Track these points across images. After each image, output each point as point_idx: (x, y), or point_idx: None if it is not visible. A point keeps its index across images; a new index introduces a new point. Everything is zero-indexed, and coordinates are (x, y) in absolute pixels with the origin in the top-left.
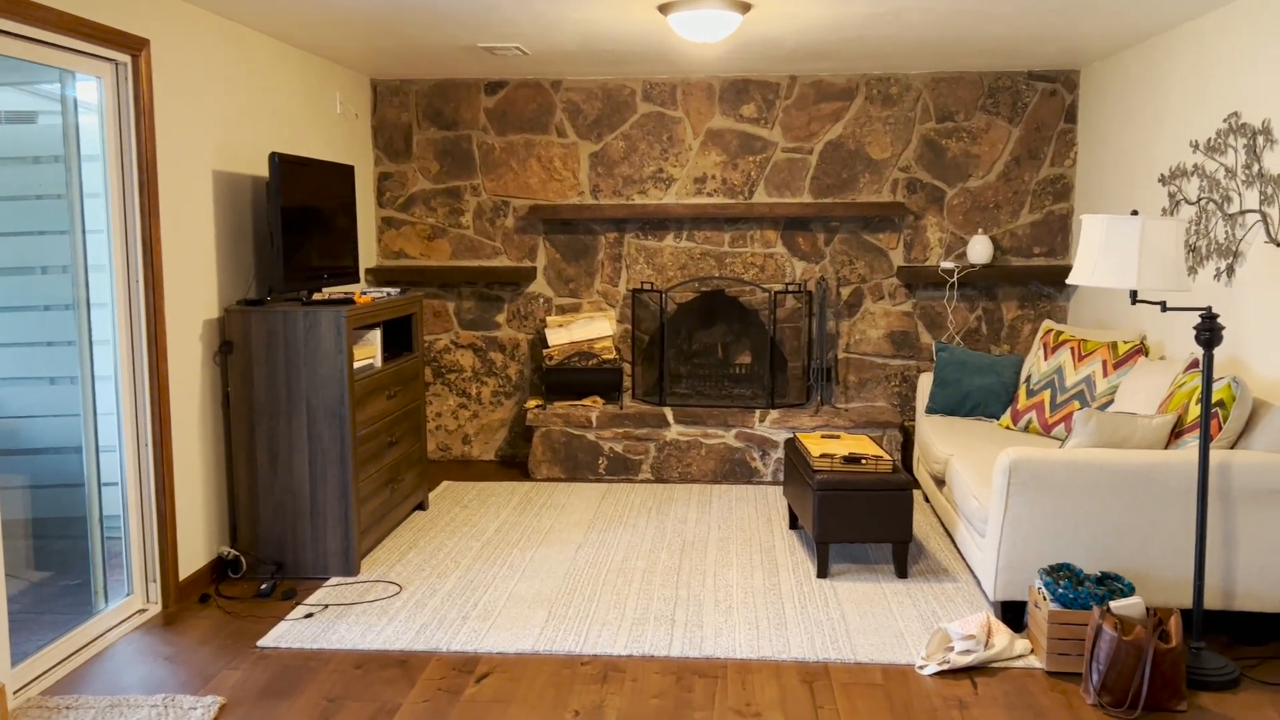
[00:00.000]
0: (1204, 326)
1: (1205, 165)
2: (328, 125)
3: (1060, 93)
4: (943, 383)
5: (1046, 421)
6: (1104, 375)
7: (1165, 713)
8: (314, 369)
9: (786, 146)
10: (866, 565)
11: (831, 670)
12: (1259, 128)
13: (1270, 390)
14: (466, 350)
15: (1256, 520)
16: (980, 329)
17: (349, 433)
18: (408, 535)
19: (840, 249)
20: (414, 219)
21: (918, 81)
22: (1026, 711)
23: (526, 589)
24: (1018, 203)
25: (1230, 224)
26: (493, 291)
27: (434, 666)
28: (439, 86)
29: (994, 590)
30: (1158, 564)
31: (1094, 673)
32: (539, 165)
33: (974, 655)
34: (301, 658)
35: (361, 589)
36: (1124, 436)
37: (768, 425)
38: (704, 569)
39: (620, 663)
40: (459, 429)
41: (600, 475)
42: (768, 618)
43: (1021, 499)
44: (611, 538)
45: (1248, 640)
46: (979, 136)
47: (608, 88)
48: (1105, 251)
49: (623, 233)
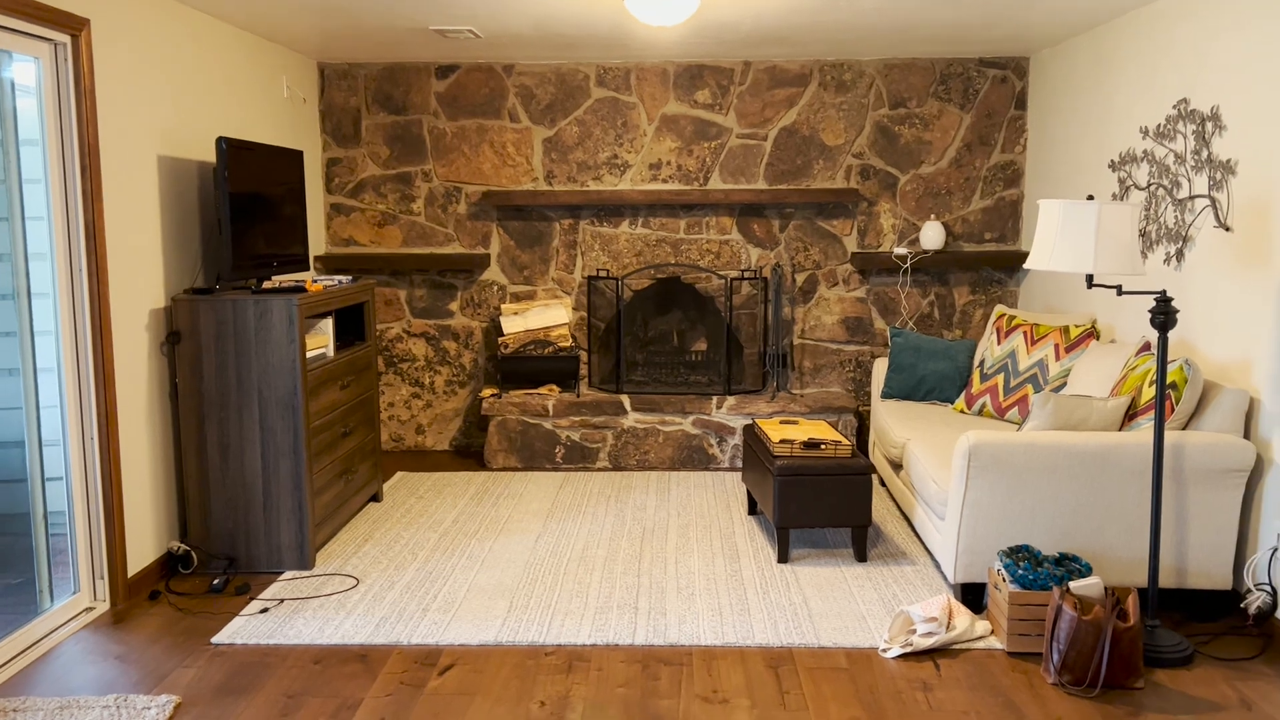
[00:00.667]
0: (1159, 310)
1: (1155, 151)
2: (275, 110)
3: (1011, 79)
4: (898, 368)
5: (1001, 405)
6: (1056, 359)
7: (1124, 690)
8: (265, 359)
9: (741, 133)
10: (826, 550)
11: (796, 655)
12: (1208, 114)
13: (1219, 372)
14: (419, 339)
15: (1208, 500)
16: (933, 314)
17: (302, 424)
18: (363, 527)
19: (795, 235)
20: (364, 205)
21: (871, 68)
22: (989, 692)
23: (487, 580)
24: (969, 189)
25: (1180, 209)
26: (445, 279)
27: (395, 660)
28: (388, 70)
29: (954, 573)
30: (1114, 544)
31: (1054, 652)
32: (492, 151)
33: (936, 637)
34: (258, 654)
35: (318, 583)
36: (1080, 419)
37: (725, 412)
38: (665, 556)
39: (585, 652)
40: (412, 419)
41: (557, 464)
42: (730, 604)
43: (981, 482)
44: (571, 526)
45: (1200, 617)
46: (931, 123)
47: (561, 72)
48: (1062, 236)
49: (578, 219)
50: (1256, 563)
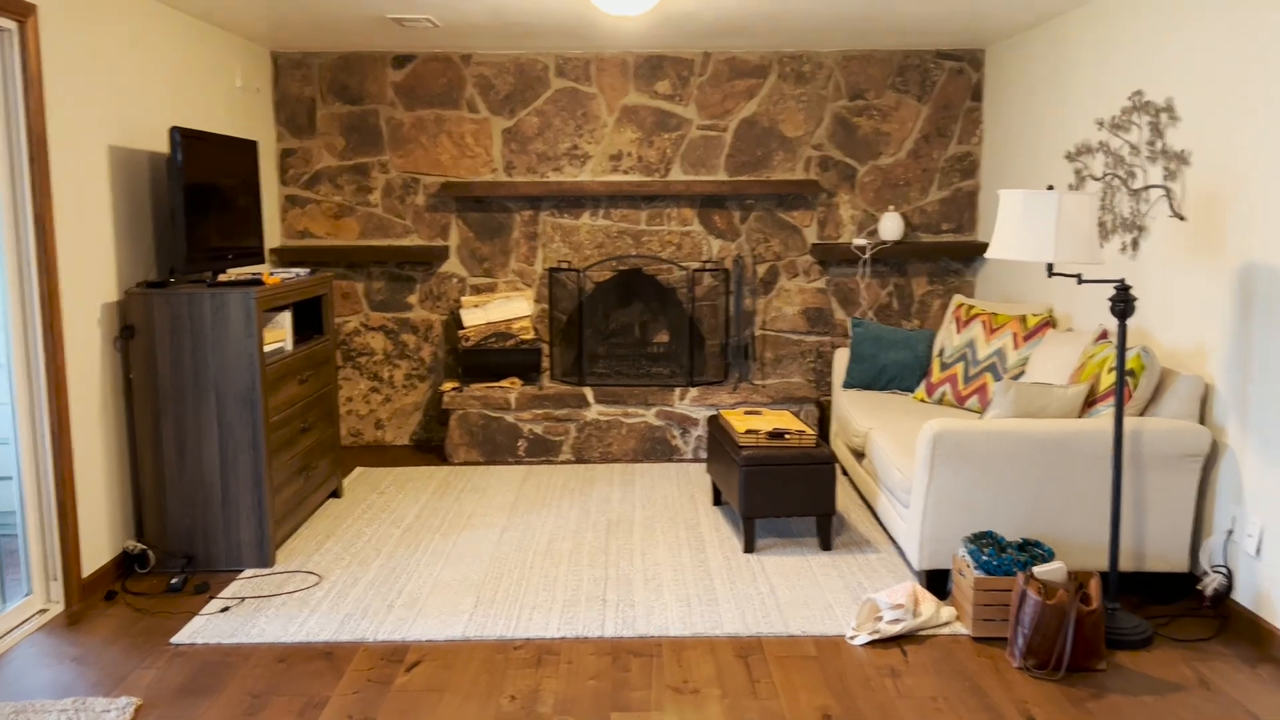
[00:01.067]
0: (1119, 298)
1: (1110, 142)
2: (228, 100)
3: (967, 71)
4: (859, 358)
5: (960, 394)
6: (1015, 347)
7: (1087, 672)
8: (222, 353)
9: (702, 124)
10: (791, 539)
11: (765, 644)
12: (1162, 105)
13: (1174, 359)
14: (377, 332)
15: (1165, 485)
16: (892, 304)
17: (261, 419)
18: (324, 524)
19: (756, 227)
20: (320, 197)
21: (829, 59)
22: (956, 677)
23: (452, 575)
24: (927, 180)
25: (1135, 199)
26: (404, 272)
27: (361, 657)
28: (343, 60)
29: (919, 560)
30: (1074, 529)
31: (1019, 637)
32: (450, 141)
33: (903, 624)
34: (220, 653)
35: (279, 580)
36: (1041, 406)
37: (687, 403)
38: (631, 548)
39: (554, 645)
40: (371, 413)
41: (520, 457)
42: (698, 594)
43: (945, 469)
44: (536, 520)
45: (1157, 600)
46: (889, 114)
47: (520, 62)
48: (1023, 226)
49: (538, 210)
50: (1212, 545)
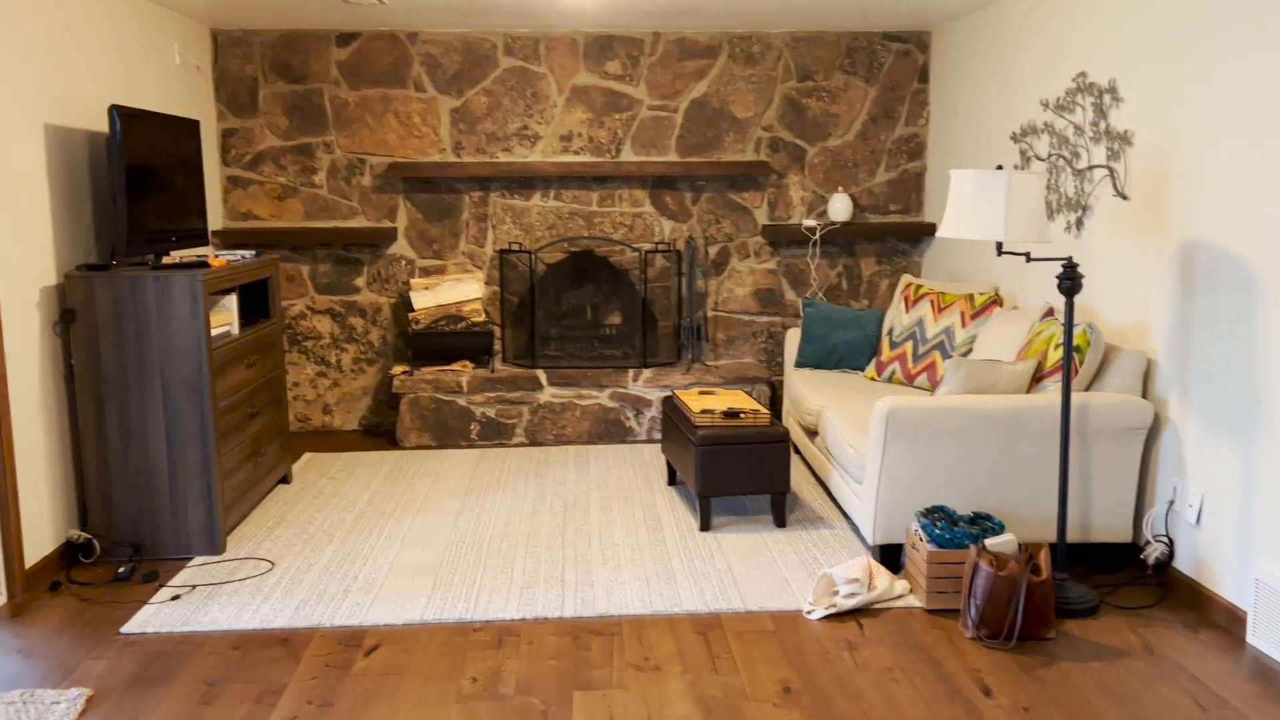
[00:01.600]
0: (1066, 275)
1: (1055, 123)
2: (167, 78)
3: (914, 53)
4: (810, 337)
5: (910, 371)
6: (963, 326)
7: (1037, 641)
8: (167, 338)
9: (652, 104)
10: (746, 517)
11: (724, 620)
12: (1105, 86)
13: (1118, 335)
14: (324, 316)
15: (1110, 457)
16: (841, 285)
17: (209, 405)
18: (274, 510)
19: (707, 208)
20: (263, 178)
21: (779, 40)
22: (911, 648)
23: (408, 559)
24: (875, 161)
25: (1079, 179)
26: (351, 254)
27: (318, 642)
28: (285, 37)
29: (873, 535)
30: (1023, 502)
31: (972, 608)
32: (397, 121)
33: (858, 598)
34: (172, 642)
35: (230, 567)
36: (991, 382)
37: (641, 384)
38: (588, 529)
39: (514, 626)
40: (319, 398)
41: (473, 441)
42: (657, 573)
43: (898, 446)
44: (491, 503)
45: (1103, 569)
46: (838, 96)
47: (467, 41)
48: (974, 205)
49: (488, 191)
50: (1154, 516)
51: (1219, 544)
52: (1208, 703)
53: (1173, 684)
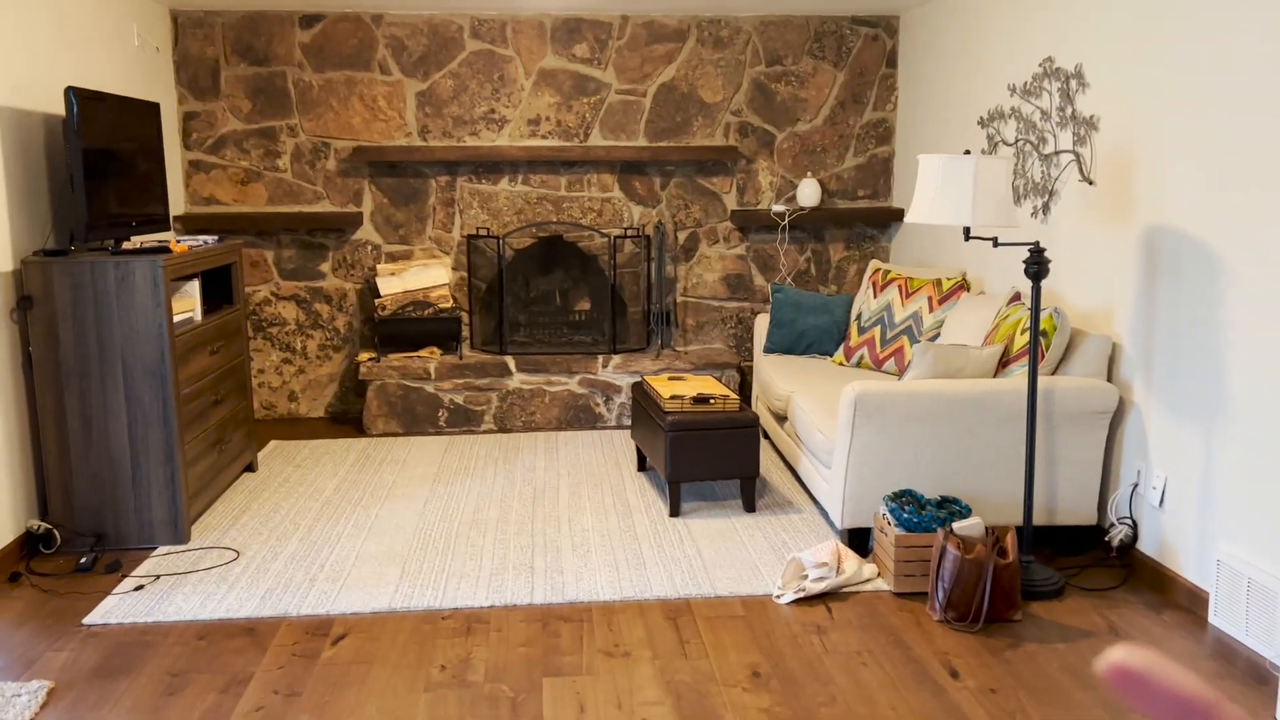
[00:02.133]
0: (1033, 260)
1: (1022, 108)
2: (126, 60)
3: (882, 38)
4: (779, 323)
5: (878, 356)
6: (930, 311)
7: (1004, 623)
8: (129, 324)
9: (621, 88)
10: (715, 502)
11: (694, 606)
12: (1072, 72)
13: (1084, 319)
14: (289, 302)
15: (1075, 441)
16: (810, 270)
17: (171, 392)
18: (239, 498)
19: (676, 193)
20: (225, 162)
21: (747, 25)
22: (880, 631)
23: (376, 547)
24: (843, 146)
25: (1046, 164)
26: (315, 239)
27: (285, 632)
28: (248, 19)
29: (841, 519)
30: (990, 485)
31: (939, 591)
32: (362, 104)
33: (827, 581)
34: (136, 633)
35: (195, 557)
36: (958, 367)
37: (610, 370)
38: (558, 515)
39: (483, 614)
40: (284, 385)
41: (441, 428)
42: (626, 559)
43: (866, 430)
44: (460, 490)
45: (1068, 551)
46: (806, 80)
47: (433, 23)
48: (942, 190)
49: (455, 176)
50: (1119, 499)
51: (1182, 526)
52: None
53: None
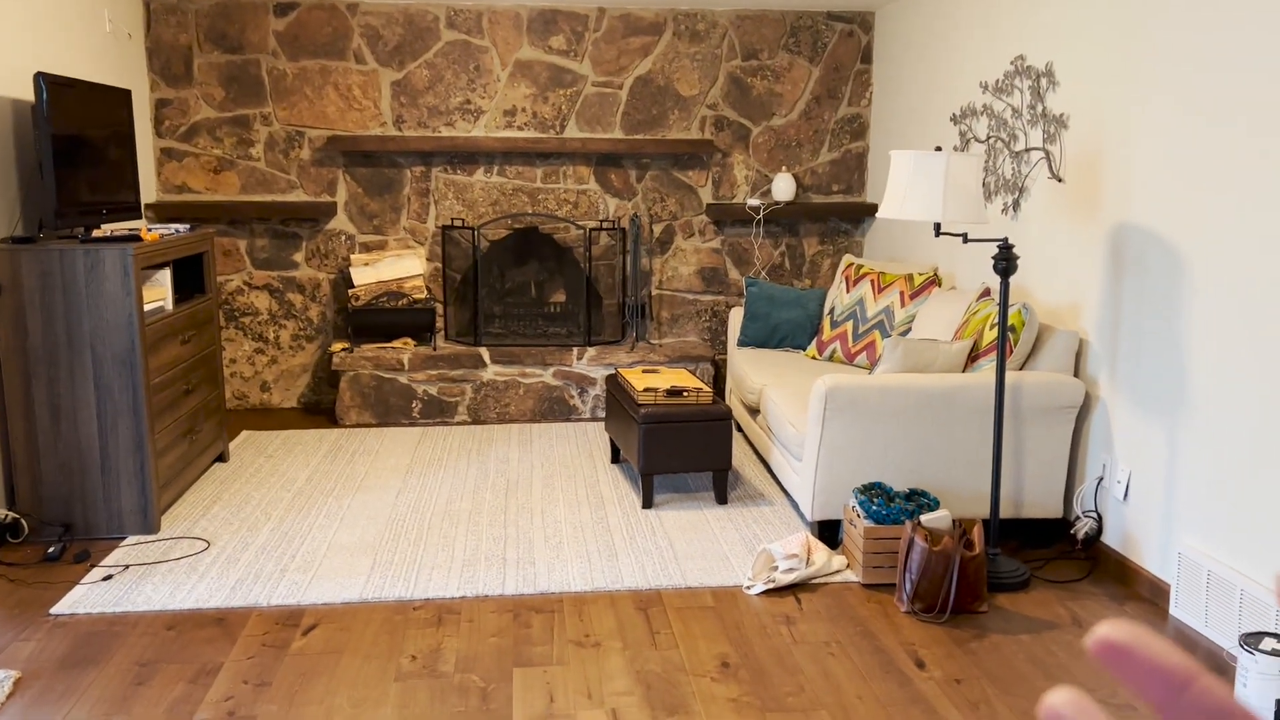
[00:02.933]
0: (1002, 256)
1: (994, 105)
2: (97, 46)
3: (857, 33)
4: (753, 316)
5: (850, 350)
6: (902, 305)
7: (970, 614)
8: (99, 313)
9: (597, 80)
10: (688, 494)
11: (664, 596)
12: (1042, 70)
13: (1052, 315)
14: (261, 291)
15: (1042, 435)
16: (784, 264)
17: (142, 381)
18: (210, 488)
19: (652, 186)
20: (198, 150)
21: (724, 18)
22: (848, 622)
23: (348, 537)
24: (818, 141)
25: (1017, 161)
26: (289, 228)
27: (255, 622)
28: (221, 6)
29: (811, 511)
30: (958, 478)
31: (907, 582)
32: (336, 94)
33: (797, 573)
34: (104, 623)
35: (165, 547)
36: (928, 361)
37: (585, 363)
38: (531, 507)
39: (454, 605)
40: (256, 375)
41: (414, 419)
42: (598, 550)
43: (837, 423)
44: (432, 481)
45: (1034, 544)
46: (782, 75)
47: (409, 13)
48: (913, 186)
49: (430, 166)
50: (1084, 492)
51: (1145, 519)
52: None
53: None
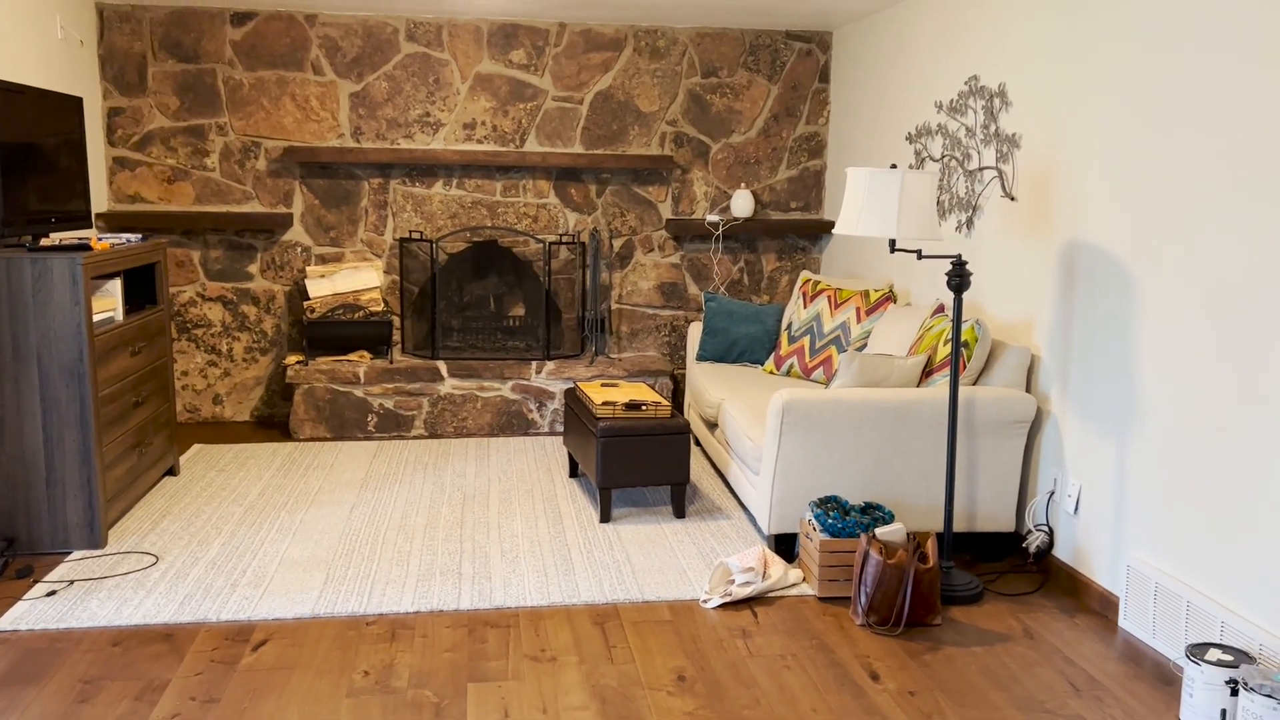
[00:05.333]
0: (955, 273)
1: (948, 125)
2: (48, 52)
3: (815, 53)
4: (712, 331)
5: (807, 365)
6: (858, 321)
7: (924, 627)
8: (46, 323)
9: (557, 95)
10: (646, 508)
11: (621, 610)
12: (996, 90)
13: (1004, 331)
14: (215, 303)
15: (995, 449)
16: (743, 280)
17: (90, 393)
18: (159, 502)
19: (612, 200)
20: (151, 160)
21: (683, 35)
22: (804, 635)
23: (300, 552)
24: (776, 159)
25: (970, 180)
26: (244, 239)
27: (204, 638)
28: (177, 14)
29: (768, 524)
30: (912, 492)
31: (862, 595)
32: (294, 104)
33: (753, 586)
34: (46, 639)
35: (111, 562)
36: (883, 376)
37: (544, 377)
38: (488, 521)
39: (408, 620)
40: (209, 388)
41: (370, 433)
42: (555, 565)
43: (793, 437)
44: (387, 495)
45: (987, 557)
46: (741, 93)
47: (368, 25)
48: (868, 203)
49: (388, 178)
50: (1036, 506)
51: (1095, 533)
52: (1081, 684)
53: (1049, 667)
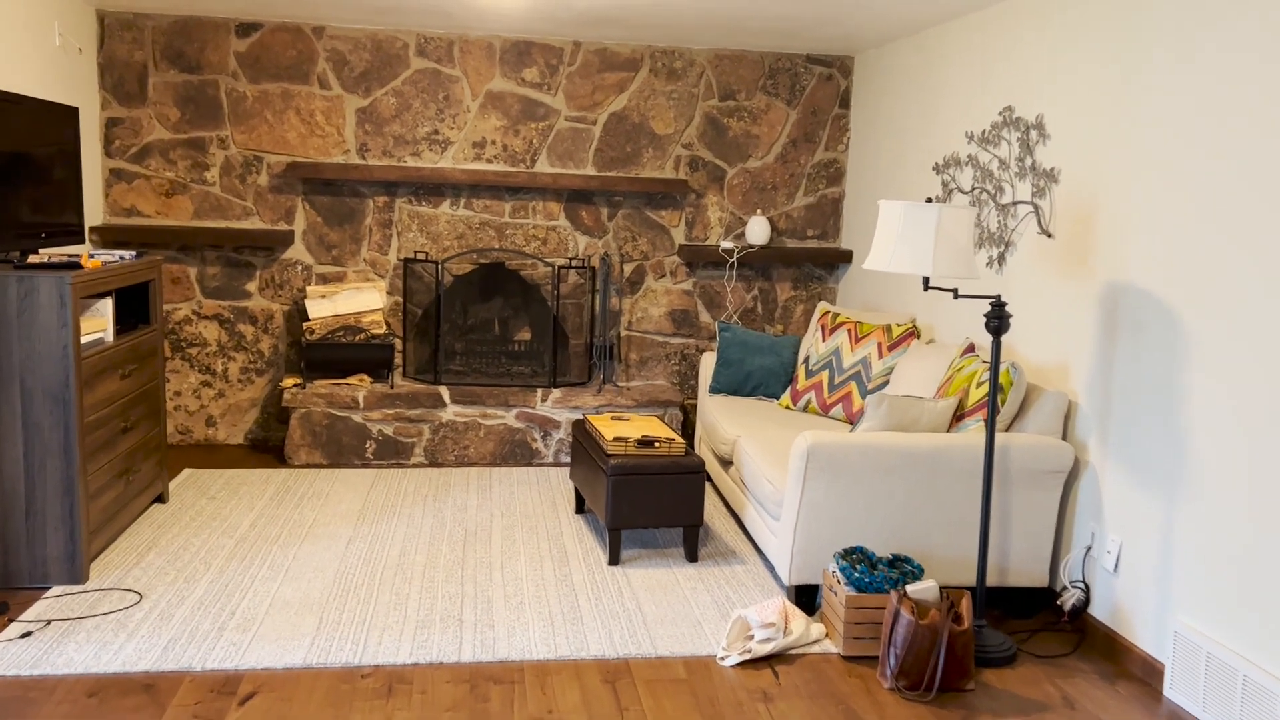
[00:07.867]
0: (994, 314)
1: (979, 156)
2: (45, 60)
3: (836, 77)
4: (726, 362)
5: (825, 402)
6: (879, 357)
7: (956, 692)
8: (31, 345)
9: (570, 115)
10: (656, 550)
11: (633, 667)
12: (1032, 122)
13: (1037, 374)
14: (211, 322)
15: (1029, 500)
16: (756, 309)
17: (75, 419)
18: (146, 533)
19: (623, 224)
20: (149, 172)
21: (701, 57)
22: (829, 700)
23: (292, 592)
24: (794, 185)
25: (1003, 214)
26: (243, 256)
27: (187, 689)
28: (180, 24)
29: (789, 575)
30: (941, 543)
31: (891, 656)
32: (298, 118)
33: (774, 644)
34: (18, 687)
35: (92, 600)
36: (913, 419)
37: (550, 405)
38: (490, 561)
39: (406, 673)
40: (202, 410)
41: (368, 460)
42: (562, 612)
43: (818, 482)
44: (385, 529)
45: (1017, 614)
46: (759, 117)
47: (378, 39)
48: (902, 238)
49: (394, 197)
50: (1071, 561)
51: (1137, 593)
52: None
53: None
